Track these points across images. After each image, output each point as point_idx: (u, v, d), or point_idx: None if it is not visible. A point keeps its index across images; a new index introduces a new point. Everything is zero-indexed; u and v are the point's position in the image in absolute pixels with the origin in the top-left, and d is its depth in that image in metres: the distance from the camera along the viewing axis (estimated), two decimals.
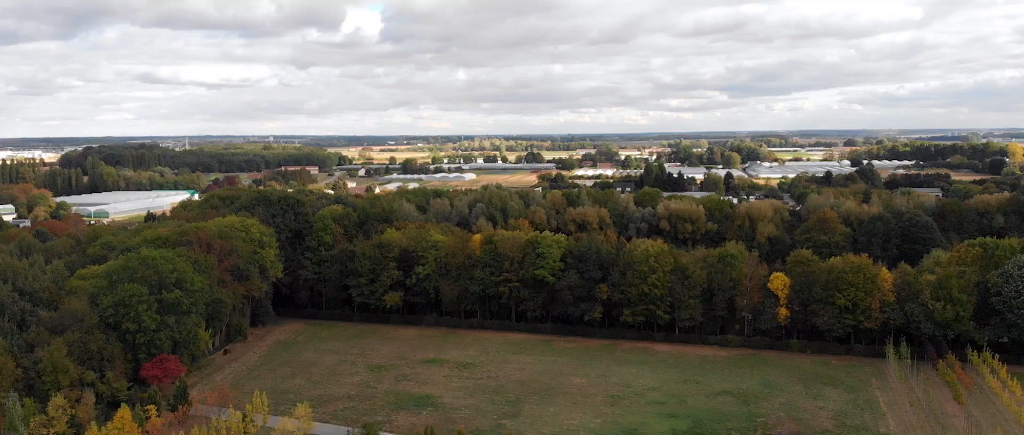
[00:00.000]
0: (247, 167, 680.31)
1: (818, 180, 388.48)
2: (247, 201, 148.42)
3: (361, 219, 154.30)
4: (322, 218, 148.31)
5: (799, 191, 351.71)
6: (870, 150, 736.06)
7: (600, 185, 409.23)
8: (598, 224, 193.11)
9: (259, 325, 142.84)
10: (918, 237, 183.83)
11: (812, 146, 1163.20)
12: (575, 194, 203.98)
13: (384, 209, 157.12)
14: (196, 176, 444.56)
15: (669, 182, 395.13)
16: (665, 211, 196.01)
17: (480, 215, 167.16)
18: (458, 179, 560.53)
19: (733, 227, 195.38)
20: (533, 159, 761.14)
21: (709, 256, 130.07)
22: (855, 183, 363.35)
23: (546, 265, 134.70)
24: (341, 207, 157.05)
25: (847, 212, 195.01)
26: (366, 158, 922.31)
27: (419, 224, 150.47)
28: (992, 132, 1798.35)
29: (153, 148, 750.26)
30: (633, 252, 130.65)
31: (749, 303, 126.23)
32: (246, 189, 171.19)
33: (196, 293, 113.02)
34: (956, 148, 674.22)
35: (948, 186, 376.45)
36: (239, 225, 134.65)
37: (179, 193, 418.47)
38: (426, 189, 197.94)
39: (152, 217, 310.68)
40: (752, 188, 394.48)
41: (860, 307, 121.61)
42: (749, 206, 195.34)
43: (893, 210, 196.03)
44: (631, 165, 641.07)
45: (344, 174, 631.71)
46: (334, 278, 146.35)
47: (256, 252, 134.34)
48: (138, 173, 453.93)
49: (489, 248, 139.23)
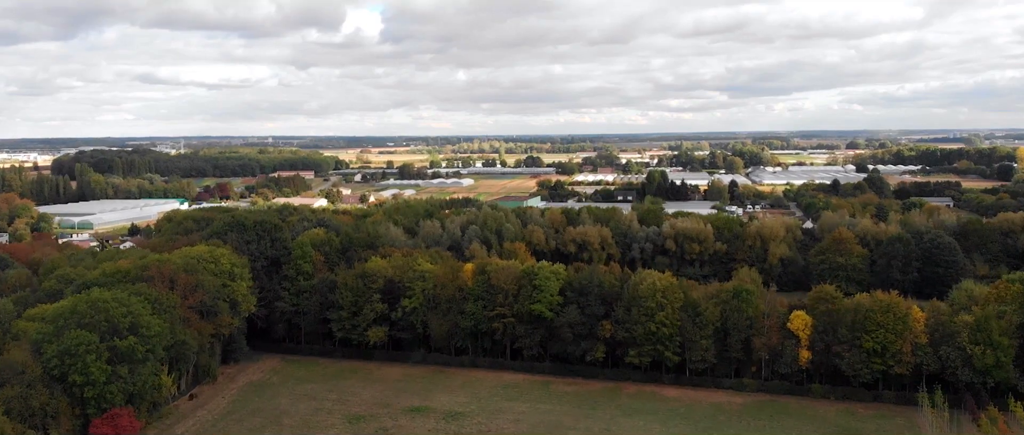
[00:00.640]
0: (242, 171, 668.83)
1: (825, 189, 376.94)
2: (219, 226, 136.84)
3: (344, 245, 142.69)
4: (301, 245, 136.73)
5: (806, 201, 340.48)
6: (874, 154, 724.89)
7: (601, 194, 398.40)
8: (600, 244, 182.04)
9: (231, 362, 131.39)
10: (941, 260, 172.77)
11: (814, 149, 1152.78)
12: (575, 212, 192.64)
13: (369, 234, 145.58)
14: (186, 184, 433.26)
15: (672, 191, 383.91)
16: (671, 230, 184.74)
17: (473, 239, 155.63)
18: (455, 185, 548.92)
19: (743, 247, 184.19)
20: (532, 163, 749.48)
21: (722, 291, 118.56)
22: (864, 192, 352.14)
23: (543, 299, 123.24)
24: (323, 231, 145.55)
25: (863, 231, 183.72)
26: (363, 161, 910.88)
27: (406, 251, 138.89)
28: (994, 133, 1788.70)
29: (146, 153, 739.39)
30: (639, 286, 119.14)
31: (767, 344, 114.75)
32: (220, 210, 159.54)
33: (153, 338, 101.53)
34: (962, 152, 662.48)
35: (959, 195, 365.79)
36: (208, 256, 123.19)
37: (168, 202, 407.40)
38: (416, 208, 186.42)
39: (136, 230, 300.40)
40: (757, 196, 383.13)
41: (890, 350, 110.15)
42: (760, 225, 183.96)
43: (912, 230, 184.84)
44: (632, 170, 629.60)
45: (339, 179, 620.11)
46: (313, 310, 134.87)
47: (226, 285, 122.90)
48: (127, 180, 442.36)
49: (482, 279, 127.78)
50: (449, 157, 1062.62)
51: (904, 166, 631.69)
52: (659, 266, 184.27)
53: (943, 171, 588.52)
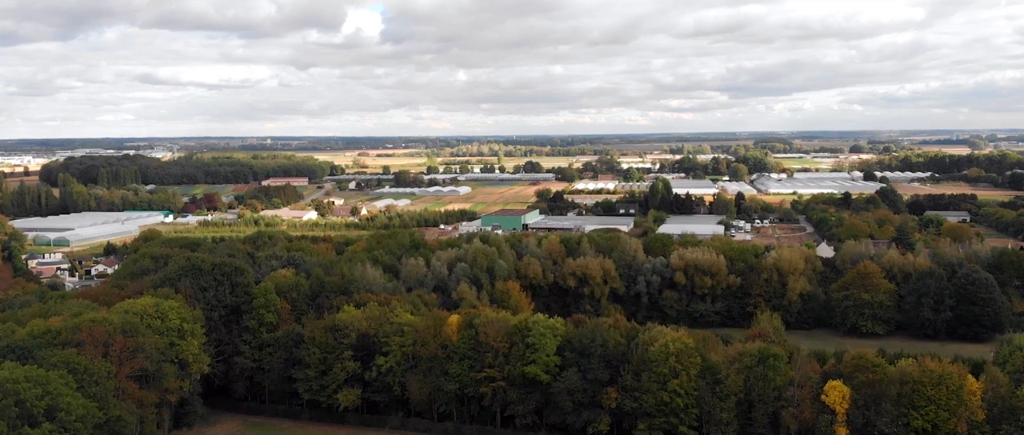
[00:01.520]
0: (234, 178, 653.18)
1: (836, 202, 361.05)
2: (173, 271, 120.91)
3: (314, 290, 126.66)
4: (265, 292, 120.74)
5: (818, 216, 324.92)
6: (881, 160, 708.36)
7: (602, 206, 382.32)
8: (602, 278, 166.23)
9: (185, 426, 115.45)
10: (977, 297, 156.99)
11: (817, 152, 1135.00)
12: (575, 240, 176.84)
13: (343, 276, 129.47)
14: (172, 194, 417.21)
15: (676, 204, 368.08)
16: (680, 262, 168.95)
17: (462, 278, 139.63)
18: (452, 193, 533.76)
19: (759, 281, 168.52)
20: (531, 169, 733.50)
21: (746, 355, 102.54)
22: (878, 207, 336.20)
23: (539, 359, 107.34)
24: (291, 273, 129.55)
25: (890, 264, 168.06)
26: (360, 166, 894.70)
27: (384, 298, 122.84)
28: (995, 134, 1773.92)
29: (137, 158, 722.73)
30: (649, 347, 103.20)
31: (798, 418, 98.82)
32: (176, 253, 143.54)
33: (76, 422, 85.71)
34: (972, 159, 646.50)
35: (976, 209, 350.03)
36: (153, 310, 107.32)
37: (152, 214, 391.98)
38: (401, 238, 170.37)
39: (111, 249, 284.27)
40: (765, 210, 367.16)
41: (942, 429, 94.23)
42: (777, 257, 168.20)
43: (943, 262, 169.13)
44: (633, 177, 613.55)
45: (334, 187, 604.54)
46: (277, 367, 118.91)
47: (174, 345, 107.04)
48: (111, 192, 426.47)
49: (468, 334, 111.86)
50: (447, 160, 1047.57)
51: (912, 173, 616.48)
52: (667, 301, 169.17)
53: (953, 179, 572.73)
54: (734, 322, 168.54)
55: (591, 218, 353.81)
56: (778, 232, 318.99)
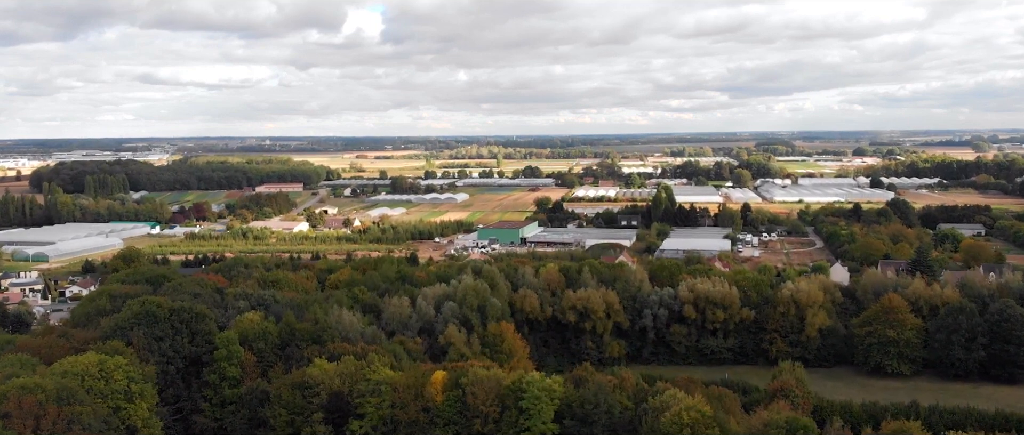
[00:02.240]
0: (227, 184, 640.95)
1: (846, 214, 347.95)
2: (125, 319, 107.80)
3: (283, 338, 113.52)
4: (227, 342, 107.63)
5: (827, 229, 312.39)
6: (887, 166, 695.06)
7: (604, 218, 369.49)
8: (605, 312, 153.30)
9: None
10: (1012, 335, 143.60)
11: (820, 154, 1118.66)
12: (575, 270, 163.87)
13: (317, 322, 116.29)
14: (160, 204, 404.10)
15: (680, 215, 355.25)
16: (689, 294, 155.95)
17: (450, 320, 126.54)
18: (449, 200, 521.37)
19: (775, 315, 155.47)
20: (531, 174, 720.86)
21: (772, 427, 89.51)
22: (889, 220, 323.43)
23: (534, 427, 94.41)
24: (259, 317, 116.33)
25: (915, 295, 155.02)
26: (357, 169, 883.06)
27: (361, 348, 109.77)
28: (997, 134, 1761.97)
29: (129, 164, 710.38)
30: (660, 417, 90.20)
31: None
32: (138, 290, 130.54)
33: None
34: (979, 164, 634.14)
35: (991, 222, 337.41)
36: (96, 370, 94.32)
37: (138, 226, 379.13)
38: (386, 269, 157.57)
39: (90, 267, 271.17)
40: (772, 222, 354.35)
41: None
42: (794, 289, 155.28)
43: (973, 293, 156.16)
44: (634, 183, 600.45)
45: (328, 193, 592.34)
46: (241, 428, 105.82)
47: (120, 409, 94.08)
48: (97, 201, 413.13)
49: (454, 396, 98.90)
50: (446, 163, 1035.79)
51: (920, 179, 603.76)
52: (676, 336, 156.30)
53: (962, 186, 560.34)
54: (748, 359, 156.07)
55: (592, 231, 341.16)
56: (787, 246, 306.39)
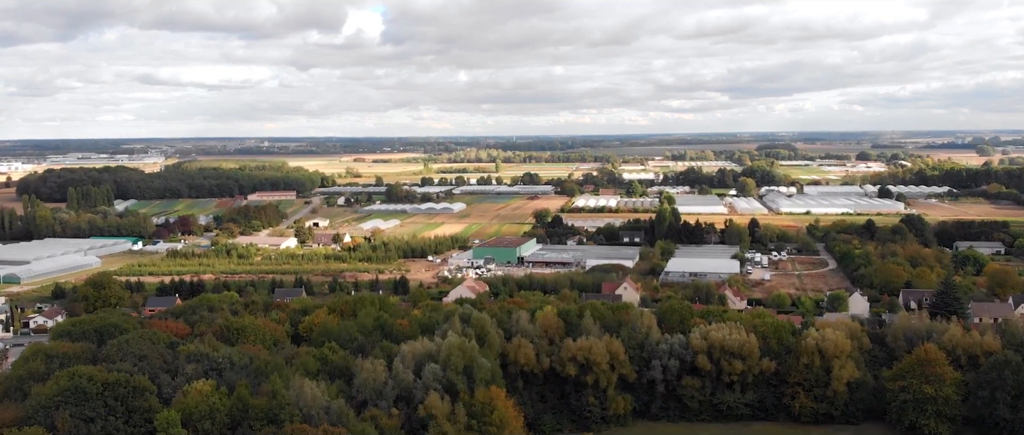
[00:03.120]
0: (218, 192, 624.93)
1: (858, 231, 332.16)
2: (51, 397, 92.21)
3: (235, 417, 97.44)
4: (168, 423, 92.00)
5: (840, 248, 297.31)
6: (894, 174, 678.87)
7: (605, 234, 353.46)
8: (608, 363, 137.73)
9: None
10: None
11: (823, 158, 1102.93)
12: (576, 314, 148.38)
13: (275, 395, 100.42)
14: (143, 218, 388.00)
15: (685, 232, 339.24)
16: (703, 343, 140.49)
17: (432, 385, 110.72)
18: (445, 211, 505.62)
19: (798, 366, 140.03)
20: (530, 180, 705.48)
21: None
22: (905, 238, 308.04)
23: None
24: (210, 387, 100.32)
25: (952, 343, 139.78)
26: (353, 175, 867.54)
27: (324, 430, 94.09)
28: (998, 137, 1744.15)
29: (119, 171, 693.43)
30: None
31: None
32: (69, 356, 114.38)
33: None
34: (989, 173, 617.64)
35: (1011, 240, 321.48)
36: None
37: (119, 242, 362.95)
38: (365, 318, 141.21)
39: (60, 292, 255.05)
40: (781, 238, 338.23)
41: None
42: (819, 337, 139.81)
43: (1016, 342, 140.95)
44: (636, 191, 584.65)
45: (321, 202, 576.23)
46: None
47: None
48: (78, 215, 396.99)
49: None
50: (444, 167, 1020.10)
51: (928, 188, 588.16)
52: (688, 390, 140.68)
53: (972, 195, 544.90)
54: (768, 415, 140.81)
55: (593, 248, 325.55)
56: (798, 267, 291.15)
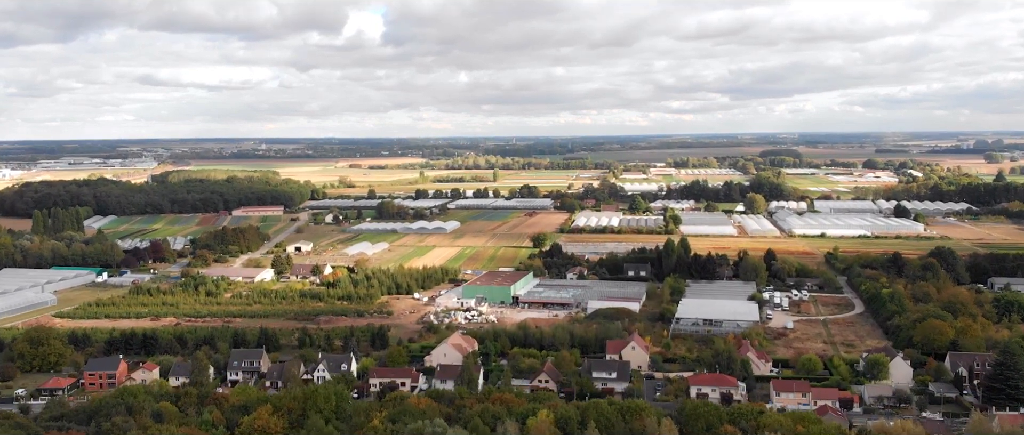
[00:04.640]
0: (202, 206, 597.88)
1: (885, 266, 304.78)
2: None
3: None
4: None
5: (866, 287, 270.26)
6: (908, 188, 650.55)
7: (608, 266, 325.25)
8: None
9: None
10: None
11: (829, 167, 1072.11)
12: (577, 422, 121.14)
13: None
14: (110, 246, 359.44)
15: (696, 266, 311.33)
16: None
17: None
18: (438, 230, 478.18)
19: None
20: (528, 193, 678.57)
21: None
22: (936, 274, 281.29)
23: None
24: None
25: None
26: (346, 184, 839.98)
27: None
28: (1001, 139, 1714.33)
29: (99, 184, 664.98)
30: None
31: None
32: None
33: None
34: (1008, 189, 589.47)
35: None
36: None
37: (81, 273, 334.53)
38: (316, 425, 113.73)
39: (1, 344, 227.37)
40: (800, 272, 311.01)
41: None
42: None
43: None
44: (639, 207, 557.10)
45: (309, 219, 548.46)
46: None
47: None
48: (41, 242, 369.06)
49: None
50: (441, 176, 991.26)
51: (944, 204, 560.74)
52: None
53: (993, 213, 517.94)
54: None
55: (595, 285, 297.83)
56: (822, 310, 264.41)
